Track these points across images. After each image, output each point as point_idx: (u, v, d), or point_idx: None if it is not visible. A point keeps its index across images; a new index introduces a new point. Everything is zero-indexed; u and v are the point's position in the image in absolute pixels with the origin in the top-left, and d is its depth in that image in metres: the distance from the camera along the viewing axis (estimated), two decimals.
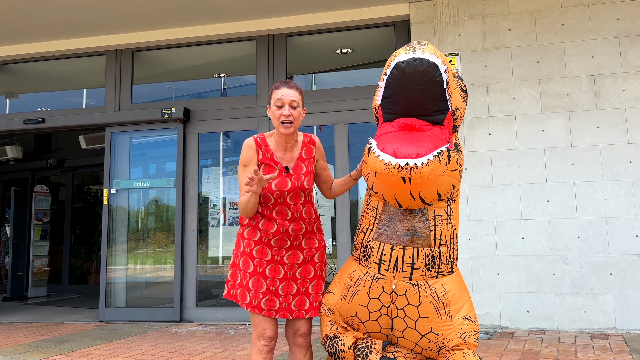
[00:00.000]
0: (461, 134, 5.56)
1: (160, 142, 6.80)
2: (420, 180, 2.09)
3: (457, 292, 2.33)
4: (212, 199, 6.52)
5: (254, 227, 2.55)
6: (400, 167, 2.08)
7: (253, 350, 2.53)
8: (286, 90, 2.51)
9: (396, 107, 2.26)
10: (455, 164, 2.25)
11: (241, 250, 2.57)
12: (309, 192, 2.61)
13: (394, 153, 2.10)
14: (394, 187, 2.16)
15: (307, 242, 2.58)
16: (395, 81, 2.17)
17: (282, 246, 2.53)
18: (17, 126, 6.96)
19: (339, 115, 6.08)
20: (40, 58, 7.10)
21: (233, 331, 5.55)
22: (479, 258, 5.37)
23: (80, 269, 9.92)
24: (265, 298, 2.48)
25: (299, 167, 2.58)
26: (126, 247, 6.65)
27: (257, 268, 2.51)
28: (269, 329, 2.51)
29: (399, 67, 2.13)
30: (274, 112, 2.52)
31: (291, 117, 2.50)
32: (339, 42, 6.45)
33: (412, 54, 2.11)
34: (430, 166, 2.08)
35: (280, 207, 2.51)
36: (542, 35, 5.50)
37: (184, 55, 6.85)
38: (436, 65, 2.11)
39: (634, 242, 5.06)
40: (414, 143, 2.15)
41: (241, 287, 2.52)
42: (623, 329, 5.00)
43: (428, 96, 2.18)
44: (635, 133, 5.19)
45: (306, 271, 2.56)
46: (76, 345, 4.97)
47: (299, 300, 2.53)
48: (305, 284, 2.55)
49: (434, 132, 2.23)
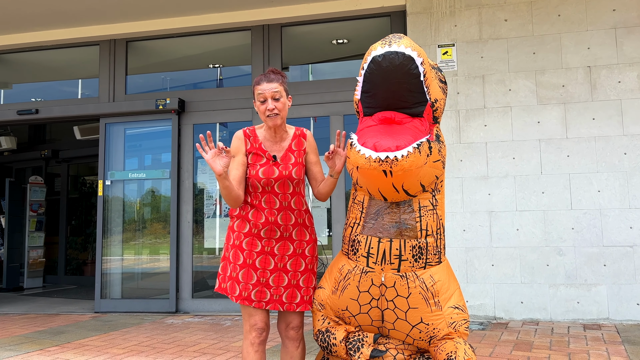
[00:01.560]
0: (457, 126, 5.55)
1: (155, 133, 6.77)
2: (401, 173, 2.11)
3: (446, 282, 2.34)
4: (208, 190, 6.51)
5: (243, 219, 2.55)
6: (380, 160, 2.10)
7: (245, 342, 2.53)
8: (266, 85, 2.52)
9: (375, 100, 2.27)
10: (437, 155, 2.27)
11: (231, 243, 2.57)
12: (298, 182, 2.60)
13: (374, 147, 2.12)
14: (376, 181, 2.17)
15: (297, 234, 2.58)
16: (373, 75, 2.19)
17: (272, 237, 2.53)
18: (11, 117, 6.91)
19: (334, 107, 6.05)
20: (34, 48, 7.04)
21: (229, 322, 5.57)
22: (473, 249, 5.38)
23: (76, 259, 9.92)
24: (255, 289, 2.48)
25: (287, 157, 2.59)
26: (121, 238, 6.64)
27: (247, 260, 2.51)
28: (260, 320, 2.51)
29: (375, 61, 2.15)
30: (259, 107, 2.55)
31: (275, 109, 2.51)
32: (335, 33, 6.41)
33: (387, 48, 2.13)
34: (410, 158, 2.10)
35: (268, 196, 2.52)
36: (539, 26, 5.47)
37: (179, 46, 6.80)
38: (412, 58, 2.13)
39: (628, 234, 5.08)
40: (393, 136, 2.16)
41: (231, 279, 2.52)
42: (616, 319, 5.03)
43: (406, 89, 2.19)
44: (631, 125, 5.18)
45: (297, 264, 2.56)
46: (72, 337, 4.98)
47: (290, 292, 2.53)
48: (297, 276, 2.55)
49: (413, 124, 2.24)
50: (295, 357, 2.61)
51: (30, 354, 4.34)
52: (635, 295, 5.01)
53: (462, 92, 5.58)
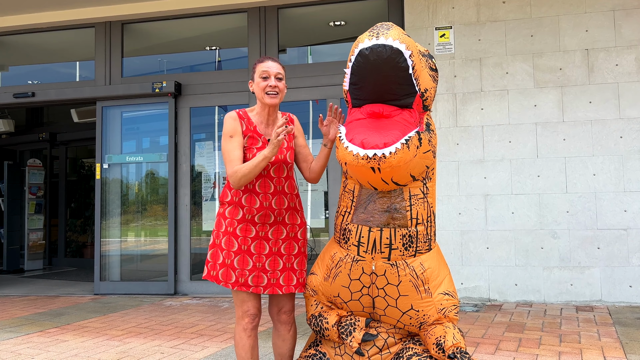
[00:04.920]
0: (453, 109, 5.54)
1: (152, 116, 6.76)
2: (389, 169, 2.10)
3: (436, 269, 2.37)
4: (206, 173, 6.53)
5: (236, 205, 2.55)
6: (368, 157, 2.08)
7: (238, 328, 2.56)
8: (272, 63, 2.55)
9: (363, 93, 2.24)
10: (427, 146, 2.25)
11: (223, 230, 2.56)
12: (291, 167, 2.63)
13: (361, 144, 2.10)
14: (365, 176, 2.18)
15: (289, 218, 2.60)
16: (360, 68, 2.15)
17: (266, 222, 2.54)
18: (7, 100, 6.90)
19: (331, 90, 6.03)
20: (29, 30, 6.99)
21: (226, 304, 5.64)
22: (468, 232, 5.42)
23: (76, 242, 9.99)
24: (252, 275, 2.50)
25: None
26: (120, 221, 6.68)
27: (241, 246, 2.52)
28: (253, 307, 2.54)
29: (362, 54, 2.10)
30: (259, 83, 2.53)
31: (277, 88, 2.52)
32: (332, 14, 6.35)
33: (375, 40, 2.07)
34: (398, 154, 2.08)
35: (263, 180, 2.53)
36: (537, 8, 5.42)
37: (175, 28, 6.74)
38: (400, 51, 2.07)
39: (622, 217, 5.11)
40: (381, 132, 2.14)
41: (224, 266, 2.53)
42: (608, 301, 5.09)
43: (394, 82, 2.16)
44: (627, 108, 5.18)
45: (290, 247, 2.59)
46: (71, 318, 5.05)
47: (286, 275, 2.55)
48: (291, 260, 2.58)
49: (402, 117, 2.22)
50: (287, 340, 2.65)
51: (30, 335, 4.41)
52: (628, 277, 5.07)
53: (459, 75, 5.56)
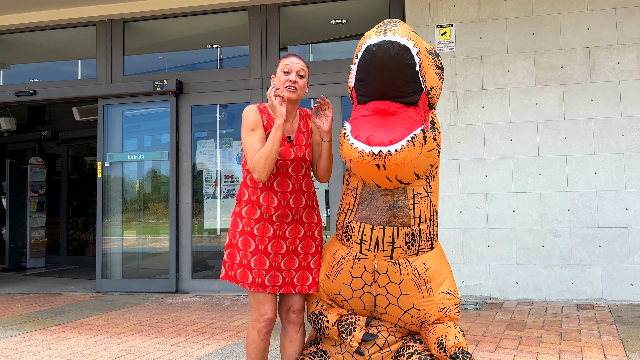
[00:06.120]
0: (454, 107, 5.54)
1: (154, 114, 6.77)
2: (395, 167, 2.09)
3: (438, 268, 2.37)
4: (207, 171, 6.53)
5: (253, 204, 2.50)
6: (373, 154, 2.07)
7: (252, 330, 2.51)
8: (296, 59, 2.53)
9: (369, 90, 2.23)
10: (432, 144, 2.24)
11: (239, 229, 2.51)
12: (309, 164, 2.60)
13: (367, 140, 2.09)
14: (369, 173, 2.16)
15: (307, 216, 2.57)
16: (367, 65, 2.13)
17: (284, 221, 2.50)
18: (9, 98, 6.91)
19: (332, 88, 6.03)
20: (30, 29, 7.00)
21: (228, 302, 5.65)
22: (470, 230, 5.42)
23: (78, 240, 10.01)
24: (268, 275, 2.45)
25: (299, 139, 2.57)
26: (121, 219, 6.70)
27: (258, 246, 2.47)
28: (270, 310, 2.49)
29: (370, 50, 2.08)
30: (280, 77, 2.51)
31: (297, 84, 2.49)
32: (333, 12, 6.34)
33: (382, 37, 2.06)
34: (404, 152, 2.07)
35: (282, 178, 2.50)
36: (538, 5, 5.42)
37: (176, 26, 6.75)
38: (407, 48, 2.06)
39: (623, 215, 5.11)
40: (387, 129, 2.13)
41: (241, 267, 2.48)
42: (609, 299, 5.09)
43: (400, 79, 2.15)
44: (629, 106, 5.17)
45: (308, 246, 2.55)
46: (73, 316, 5.07)
47: (301, 275, 2.52)
48: (307, 259, 2.54)
49: (408, 114, 2.21)
50: (295, 342, 2.58)
51: (32, 333, 4.42)
52: (629, 276, 5.07)
53: (460, 73, 5.55)
